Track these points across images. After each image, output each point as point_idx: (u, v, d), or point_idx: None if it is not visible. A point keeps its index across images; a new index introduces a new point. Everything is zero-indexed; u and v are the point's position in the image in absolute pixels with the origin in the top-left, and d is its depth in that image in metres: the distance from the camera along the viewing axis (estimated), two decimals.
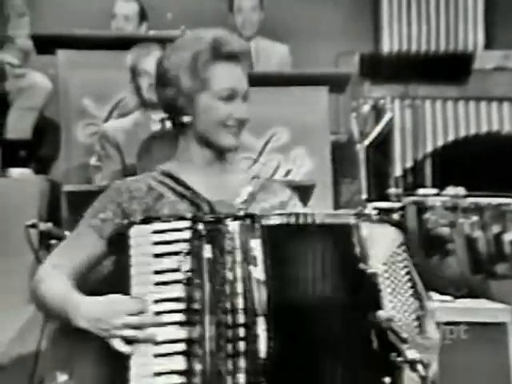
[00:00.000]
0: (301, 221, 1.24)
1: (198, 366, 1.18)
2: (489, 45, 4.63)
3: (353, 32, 4.49)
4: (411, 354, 1.19)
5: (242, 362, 1.19)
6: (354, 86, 3.50)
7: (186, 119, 1.34)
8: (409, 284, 1.27)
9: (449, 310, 2.36)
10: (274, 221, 1.23)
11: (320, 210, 1.30)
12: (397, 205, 3.18)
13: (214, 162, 1.38)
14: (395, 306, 1.23)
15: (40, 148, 3.49)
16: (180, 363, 1.18)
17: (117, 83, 3.04)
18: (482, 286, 2.74)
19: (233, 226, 1.23)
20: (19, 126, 3.42)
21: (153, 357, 1.19)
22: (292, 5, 4.47)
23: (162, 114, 2.81)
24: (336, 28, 4.50)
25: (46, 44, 3.14)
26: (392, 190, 3.51)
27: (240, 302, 1.20)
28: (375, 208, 3.33)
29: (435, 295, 2.48)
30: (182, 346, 1.19)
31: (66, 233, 1.88)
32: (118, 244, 1.29)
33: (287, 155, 3.17)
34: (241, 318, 1.20)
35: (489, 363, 2.29)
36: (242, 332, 1.20)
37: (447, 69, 3.70)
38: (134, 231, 1.23)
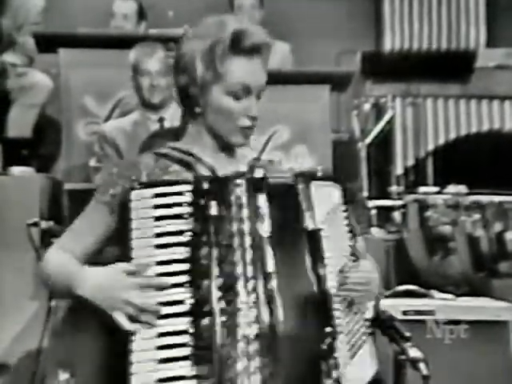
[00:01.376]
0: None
1: (204, 322, 1.17)
2: (491, 43, 4.63)
3: (354, 30, 4.48)
4: (413, 352, 1.19)
5: (253, 314, 1.18)
6: (355, 84, 3.49)
7: (197, 109, 1.31)
8: (348, 235, 1.31)
9: (450, 308, 2.35)
10: (278, 179, 1.25)
11: None
12: (398, 203, 3.18)
13: (223, 149, 1.36)
14: (332, 261, 1.25)
15: (41, 146, 3.49)
16: (184, 326, 1.17)
17: (118, 82, 3.04)
18: (484, 285, 2.74)
19: (239, 182, 1.23)
20: (21, 125, 3.42)
21: (156, 335, 1.17)
22: (293, 3, 4.46)
23: (160, 114, 2.84)
24: (337, 26, 4.50)
25: (47, 43, 3.14)
26: (393, 188, 3.51)
27: (248, 255, 1.20)
28: (376, 206, 3.34)
29: (437, 293, 2.48)
30: (186, 307, 1.18)
31: None
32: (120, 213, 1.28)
33: (288, 153, 3.17)
34: (249, 271, 1.19)
35: (491, 362, 2.29)
36: (251, 284, 1.19)
37: (449, 67, 3.70)
38: (134, 195, 1.21)
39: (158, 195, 1.21)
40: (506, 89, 3.76)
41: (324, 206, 1.26)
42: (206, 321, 1.17)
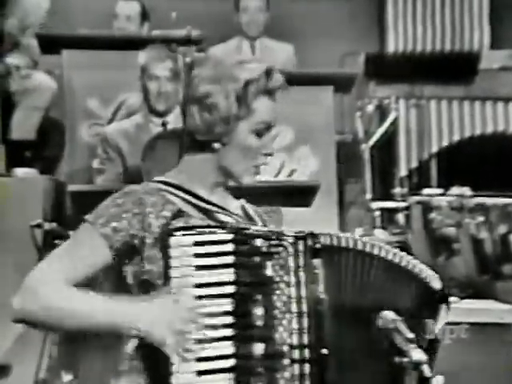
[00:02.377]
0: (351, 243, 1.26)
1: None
2: (494, 44, 4.62)
3: (358, 32, 4.48)
4: (417, 354, 1.18)
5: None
6: (359, 85, 3.49)
7: (215, 145, 1.31)
8: None
9: (454, 310, 2.34)
10: (330, 241, 1.24)
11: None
12: (402, 204, 3.17)
13: (220, 185, 1.35)
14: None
15: (45, 148, 3.49)
16: (226, 381, 1.15)
17: (121, 83, 3.04)
18: (488, 287, 2.73)
19: (296, 244, 1.22)
20: (24, 126, 3.42)
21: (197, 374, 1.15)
22: (297, 4, 4.46)
23: (164, 118, 2.84)
24: (341, 28, 4.49)
25: (50, 44, 3.15)
26: (397, 190, 3.50)
27: (306, 322, 1.20)
28: (380, 208, 3.33)
29: None
30: (229, 363, 1.16)
31: (70, 232, 1.88)
32: (130, 254, 1.24)
33: (292, 155, 3.16)
34: (306, 339, 1.19)
35: (495, 364, 2.28)
36: (307, 353, 1.19)
37: (453, 69, 3.69)
38: (174, 241, 1.18)
39: (198, 243, 1.18)
40: (510, 90, 3.75)
41: None
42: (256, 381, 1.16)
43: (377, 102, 3.66)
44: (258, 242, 1.20)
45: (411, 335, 1.19)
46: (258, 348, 1.17)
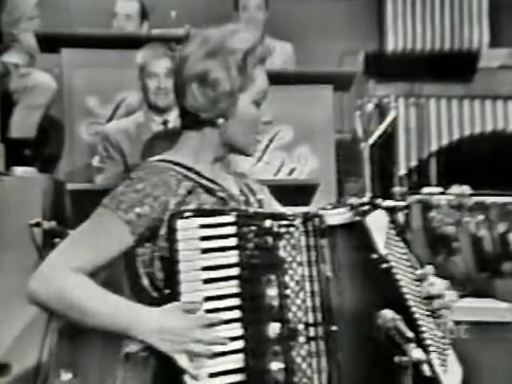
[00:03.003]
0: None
1: (274, 365, 1.16)
2: (494, 43, 4.61)
3: (357, 30, 4.47)
4: (417, 353, 1.18)
5: (323, 361, 1.19)
6: (358, 84, 3.49)
7: (219, 121, 1.30)
8: (406, 258, 1.30)
9: (454, 309, 2.34)
10: (332, 221, 1.24)
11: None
12: (401, 203, 3.17)
13: (219, 160, 1.35)
14: (407, 287, 1.26)
15: (44, 147, 3.49)
16: (239, 362, 1.15)
17: (121, 82, 3.04)
18: (488, 285, 2.73)
19: (306, 224, 1.23)
20: (24, 125, 3.42)
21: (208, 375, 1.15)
22: (296, 3, 4.46)
23: (164, 117, 2.83)
24: (340, 26, 4.49)
25: (50, 43, 3.14)
26: (397, 189, 3.50)
27: (317, 300, 1.21)
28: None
29: None
30: (239, 344, 1.15)
31: (70, 231, 1.88)
32: (148, 238, 1.23)
33: (291, 154, 3.16)
34: (319, 316, 1.20)
35: (495, 363, 2.28)
36: (320, 331, 1.20)
37: (452, 67, 3.69)
38: (181, 224, 1.17)
39: (203, 226, 1.17)
40: (510, 89, 3.75)
41: (381, 234, 1.27)
42: (261, 363, 1.16)
43: (376, 100, 3.65)
44: (267, 223, 1.20)
45: (411, 334, 1.18)
46: (275, 328, 1.18)
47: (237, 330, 1.16)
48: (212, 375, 1.15)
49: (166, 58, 2.75)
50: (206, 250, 1.17)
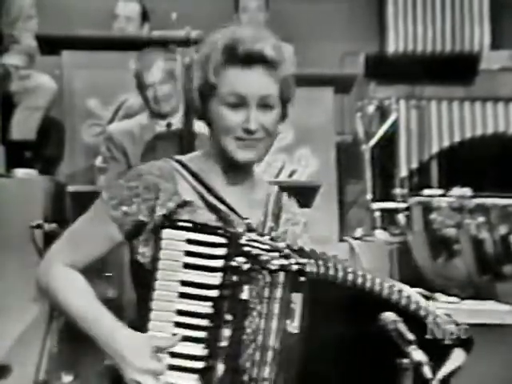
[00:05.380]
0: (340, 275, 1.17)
1: None
2: (495, 45, 4.61)
3: (358, 32, 4.47)
4: (417, 355, 1.17)
5: None
6: (359, 86, 3.48)
7: (205, 123, 1.27)
8: None
9: (455, 311, 2.34)
10: (314, 271, 1.16)
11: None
12: (402, 205, 3.17)
13: (234, 171, 1.27)
14: None
15: (45, 148, 3.49)
16: (194, 380, 1.13)
17: (121, 84, 3.04)
18: (489, 288, 2.73)
19: (277, 275, 1.15)
20: (24, 127, 3.42)
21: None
22: (297, 5, 4.46)
23: (168, 120, 2.83)
24: (341, 28, 4.49)
25: (50, 45, 3.14)
26: (397, 191, 3.50)
27: (269, 355, 1.15)
28: (380, 209, 3.33)
29: (441, 296, 2.47)
30: (199, 364, 1.14)
31: None
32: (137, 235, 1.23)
33: (292, 155, 3.16)
34: (267, 372, 1.15)
35: (495, 365, 2.28)
36: None
37: (453, 69, 3.69)
38: (166, 234, 1.15)
39: (190, 241, 1.14)
40: (511, 91, 3.74)
41: None
42: None
43: (377, 102, 3.65)
44: (241, 259, 1.15)
45: (412, 336, 1.18)
46: (220, 368, 1.14)
47: (199, 349, 1.14)
48: None
49: (158, 64, 2.72)
50: (188, 266, 1.15)
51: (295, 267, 1.16)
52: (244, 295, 1.15)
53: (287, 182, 2.93)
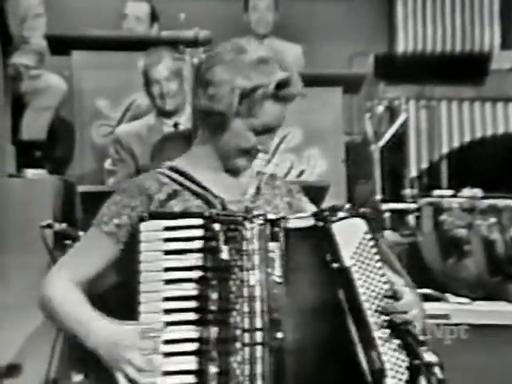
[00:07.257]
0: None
1: (211, 368, 1.18)
2: (505, 45, 4.59)
3: (367, 32, 4.46)
4: (428, 356, 1.17)
5: (258, 368, 1.19)
6: (368, 86, 3.48)
7: (208, 127, 1.33)
8: (380, 271, 1.26)
9: (466, 312, 2.33)
10: (292, 224, 1.24)
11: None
12: (412, 206, 3.16)
13: (227, 170, 1.37)
14: (368, 296, 1.23)
15: (55, 148, 3.50)
16: (191, 364, 1.18)
17: (131, 84, 3.05)
18: (500, 289, 2.71)
19: (252, 229, 1.23)
20: (34, 127, 3.43)
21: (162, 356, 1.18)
22: (306, 5, 4.45)
23: (175, 119, 2.84)
24: (350, 28, 4.48)
25: (60, 45, 3.15)
26: (407, 191, 3.49)
27: (258, 306, 1.21)
28: (390, 209, 3.32)
29: (452, 297, 2.46)
30: (193, 346, 1.18)
31: (81, 233, 1.88)
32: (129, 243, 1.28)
33: (300, 156, 3.15)
34: (258, 322, 1.20)
35: (507, 366, 2.26)
36: (259, 336, 1.20)
37: (463, 69, 3.67)
38: (144, 226, 1.22)
39: (168, 228, 1.21)
40: None
41: (350, 241, 1.24)
42: (210, 364, 1.18)
43: (386, 102, 3.64)
44: (217, 226, 1.21)
45: (422, 337, 1.18)
46: (213, 332, 1.18)
47: (192, 332, 1.18)
48: (165, 373, 1.18)
49: (165, 61, 2.74)
50: (169, 252, 1.20)
51: (270, 217, 1.24)
52: (224, 255, 1.21)
53: (296, 183, 2.92)
